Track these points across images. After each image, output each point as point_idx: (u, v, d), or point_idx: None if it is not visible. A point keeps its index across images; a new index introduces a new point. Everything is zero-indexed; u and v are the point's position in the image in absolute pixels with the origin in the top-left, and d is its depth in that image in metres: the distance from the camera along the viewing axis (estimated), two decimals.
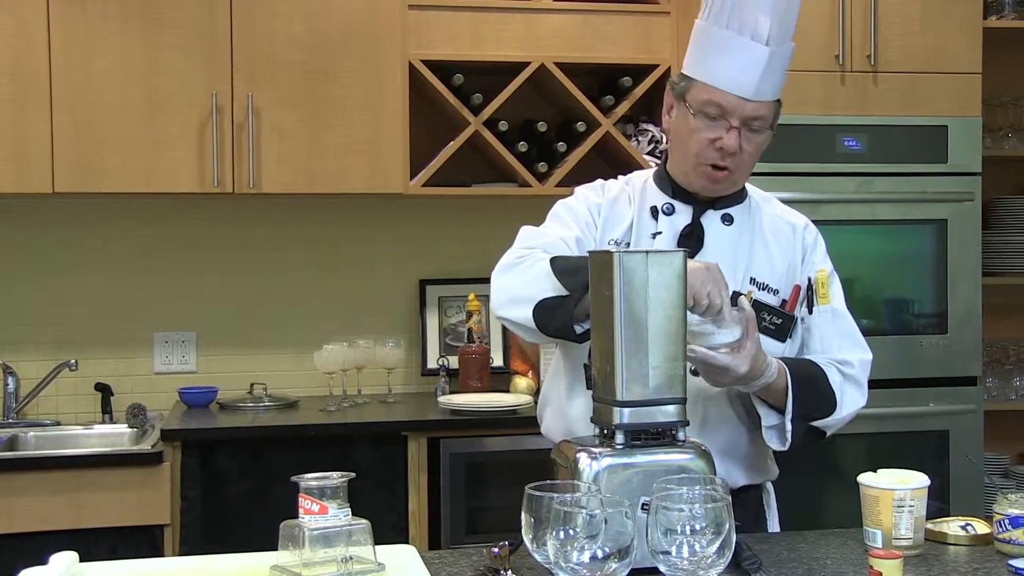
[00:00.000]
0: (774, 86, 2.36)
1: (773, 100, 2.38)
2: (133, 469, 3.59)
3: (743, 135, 2.35)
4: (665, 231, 2.43)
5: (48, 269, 4.32)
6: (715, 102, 2.34)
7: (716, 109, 2.34)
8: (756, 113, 2.35)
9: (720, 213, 2.46)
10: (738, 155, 2.36)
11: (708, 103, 2.35)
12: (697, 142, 2.38)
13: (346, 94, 4.08)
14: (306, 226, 4.50)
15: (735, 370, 2.13)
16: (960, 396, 4.06)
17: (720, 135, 2.35)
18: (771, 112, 2.38)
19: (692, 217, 2.44)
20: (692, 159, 2.41)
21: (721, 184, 2.42)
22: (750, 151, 2.39)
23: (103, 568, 1.99)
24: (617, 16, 4.34)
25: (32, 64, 3.89)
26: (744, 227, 2.47)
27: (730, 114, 2.34)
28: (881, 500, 2.11)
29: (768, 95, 2.35)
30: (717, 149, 2.36)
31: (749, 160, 2.41)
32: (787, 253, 2.49)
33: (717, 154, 2.36)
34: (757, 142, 2.39)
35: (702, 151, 2.38)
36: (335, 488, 1.89)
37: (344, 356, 4.14)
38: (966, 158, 4.06)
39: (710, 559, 1.64)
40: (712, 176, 2.39)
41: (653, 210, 2.45)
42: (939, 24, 4.04)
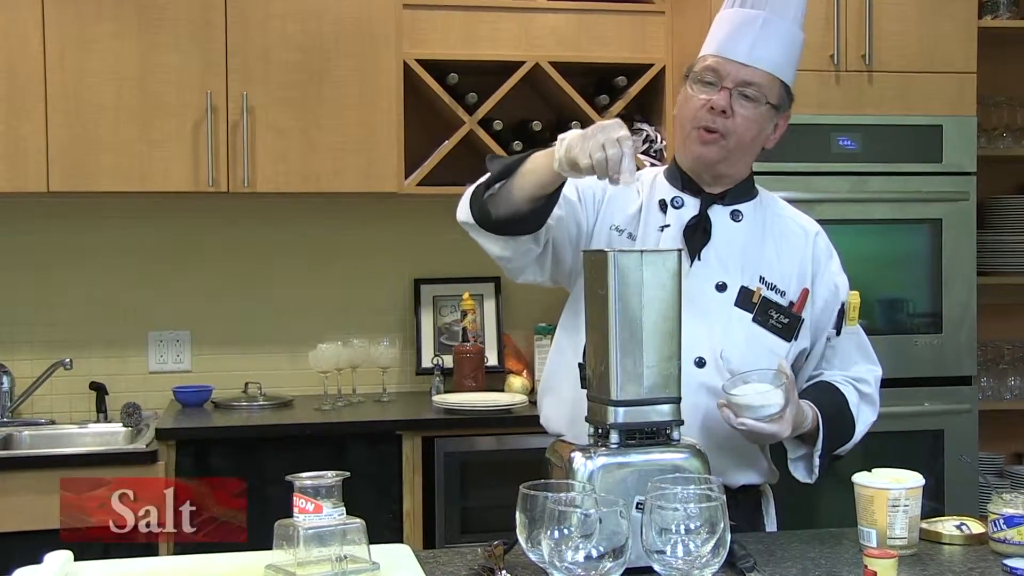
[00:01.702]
0: (771, 57, 2.39)
1: (771, 73, 2.39)
2: (128, 468, 3.58)
3: (735, 99, 2.37)
4: (673, 224, 2.42)
5: (43, 268, 4.31)
6: (710, 67, 2.39)
7: (711, 74, 2.39)
8: (750, 78, 2.37)
9: (729, 209, 2.45)
10: (730, 119, 2.37)
11: (705, 70, 2.40)
12: (692, 107, 2.41)
13: (341, 93, 4.08)
14: (301, 225, 4.50)
15: (780, 435, 2.21)
16: (955, 396, 4.07)
17: (712, 96, 2.37)
18: (770, 85, 2.39)
19: (699, 209, 2.44)
20: (687, 126, 2.42)
21: (712, 150, 2.40)
22: (744, 116, 2.38)
23: (97, 567, 1.99)
24: (612, 16, 4.34)
25: (27, 63, 3.88)
26: (754, 225, 2.47)
27: (723, 77, 2.38)
28: (876, 500, 2.11)
29: (762, 62, 2.38)
30: (709, 111, 2.37)
31: (743, 131, 2.40)
32: (796, 256, 2.50)
33: (709, 116, 2.37)
34: (751, 112, 2.39)
35: (695, 115, 2.40)
36: (329, 487, 1.89)
37: (339, 355, 4.14)
38: (961, 158, 4.06)
39: (705, 558, 1.64)
40: (704, 138, 2.39)
41: (662, 203, 2.45)
42: (934, 24, 4.04)
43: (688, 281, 2.29)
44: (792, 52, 2.45)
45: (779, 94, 2.42)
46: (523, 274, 2.45)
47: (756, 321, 2.40)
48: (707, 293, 2.39)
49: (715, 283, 2.40)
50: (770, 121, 2.44)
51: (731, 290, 2.40)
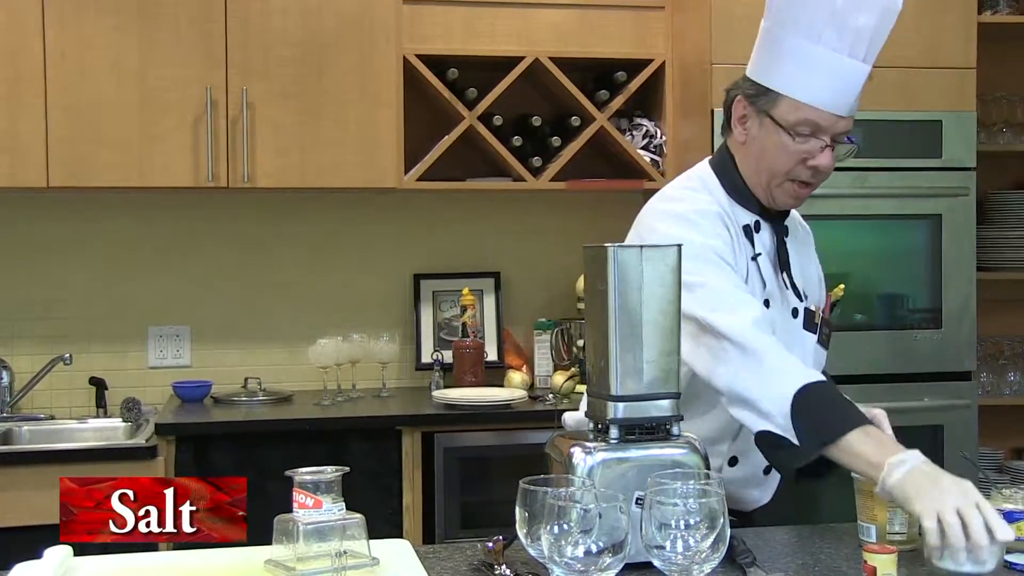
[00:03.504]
0: (858, 100, 2.31)
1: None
2: (127, 463, 3.58)
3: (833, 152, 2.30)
4: (762, 251, 2.37)
5: (43, 263, 4.31)
6: (811, 120, 2.26)
7: (810, 127, 2.27)
8: (847, 128, 2.30)
9: (783, 227, 2.43)
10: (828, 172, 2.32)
11: (803, 122, 2.27)
12: (788, 160, 2.29)
13: (340, 88, 4.08)
14: (300, 221, 4.50)
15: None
16: (954, 391, 4.07)
17: (813, 153, 2.28)
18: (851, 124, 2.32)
19: (776, 234, 2.39)
20: (780, 176, 2.32)
21: (803, 200, 2.37)
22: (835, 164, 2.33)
23: (97, 562, 1.99)
24: (612, 11, 4.34)
25: (27, 59, 3.88)
26: (794, 238, 2.46)
27: (824, 132, 2.27)
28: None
29: (855, 110, 2.30)
30: (809, 167, 2.29)
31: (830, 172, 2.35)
32: (810, 257, 2.52)
33: (808, 172, 2.30)
34: (839, 154, 2.33)
35: (793, 169, 2.30)
36: (329, 482, 1.88)
37: (338, 350, 4.14)
38: (961, 153, 4.06)
39: (704, 554, 1.64)
40: (798, 194, 2.34)
41: (746, 229, 2.36)
42: (934, 19, 4.04)
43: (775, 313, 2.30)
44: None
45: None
46: None
47: (819, 342, 2.40)
48: (789, 323, 2.37)
49: (791, 309, 2.39)
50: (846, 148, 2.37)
51: (800, 315, 2.39)
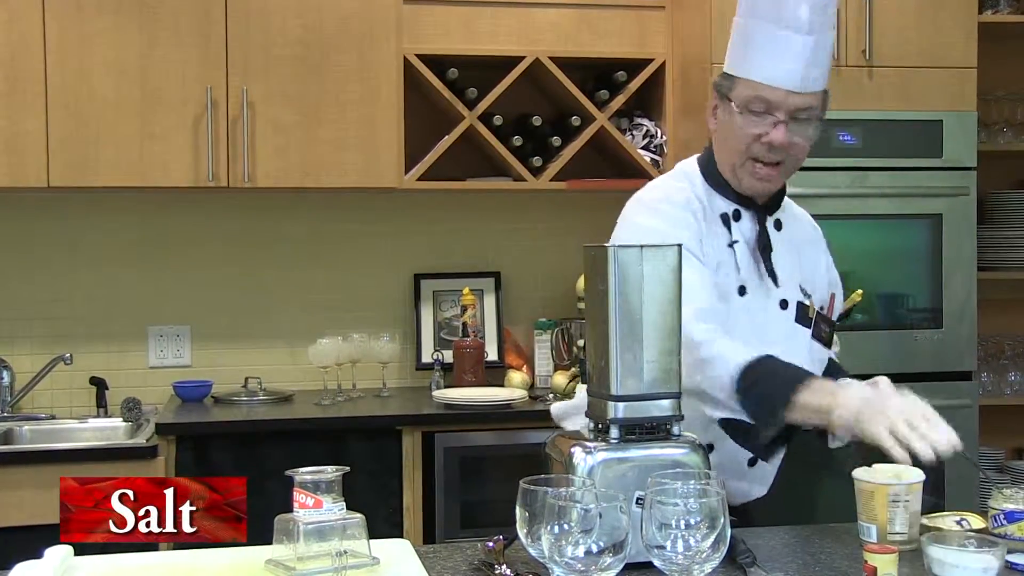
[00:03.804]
0: (819, 75, 2.34)
1: (820, 90, 2.35)
2: (128, 463, 3.58)
3: (790, 127, 2.33)
4: (740, 239, 2.39)
5: (43, 263, 4.31)
6: (761, 97, 2.32)
7: (762, 104, 2.32)
8: (803, 104, 2.32)
9: (774, 219, 2.45)
10: (787, 149, 2.34)
11: (754, 99, 2.33)
12: (744, 139, 2.35)
13: (341, 88, 4.07)
14: (300, 220, 4.50)
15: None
16: (955, 391, 4.06)
17: (767, 130, 2.32)
18: (818, 101, 2.36)
19: (758, 223, 2.41)
20: (739, 156, 2.37)
21: (770, 182, 2.39)
22: (800, 142, 2.35)
23: (97, 562, 1.99)
24: (612, 10, 4.34)
25: (27, 58, 3.88)
26: (790, 232, 2.47)
27: (776, 108, 2.31)
28: (876, 495, 2.11)
29: (814, 85, 2.33)
30: (764, 144, 2.33)
31: (800, 154, 2.38)
32: (816, 255, 2.52)
33: (764, 148, 2.33)
34: (806, 134, 2.36)
35: (749, 147, 2.35)
36: (329, 482, 1.88)
37: (338, 350, 4.14)
38: (961, 153, 4.06)
39: (705, 553, 1.64)
40: (758, 173, 2.36)
41: (724, 217, 2.40)
42: (934, 18, 4.04)
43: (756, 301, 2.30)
44: (831, 56, 2.39)
45: (824, 102, 2.39)
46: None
47: (813, 336, 2.40)
48: (771, 312, 2.38)
49: (778, 301, 2.39)
50: (818, 130, 2.40)
51: (791, 307, 2.40)
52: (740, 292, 2.36)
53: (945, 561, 1.78)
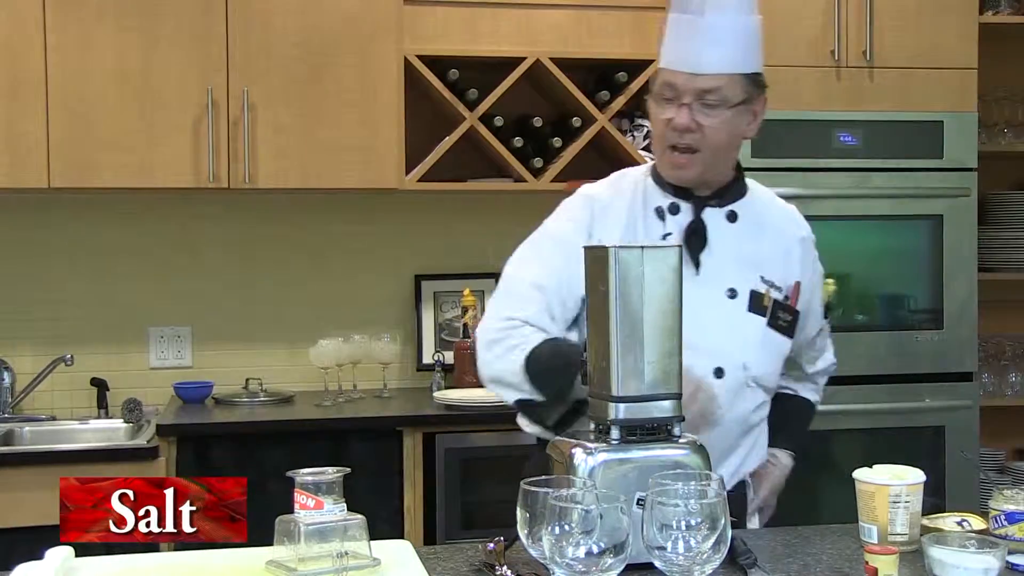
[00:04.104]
0: (728, 58, 2.32)
1: (729, 73, 2.33)
2: (129, 464, 3.58)
3: (697, 111, 2.32)
4: (674, 231, 2.40)
5: (44, 264, 4.32)
6: (668, 82, 2.35)
7: (670, 90, 2.34)
8: (707, 86, 2.31)
9: (725, 210, 2.44)
10: (697, 132, 2.33)
11: (663, 86, 2.36)
12: (659, 126, 2.38)
13: (341, 89, 4.08)
14: (301, 221, 4.50)
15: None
16: (955, 392, 4.07)
17: (673, 115, 2.34)
18: (729, 86, 2.33)
19: (694, 214, 2.41)
20: (659, 144, 2.40)
21: (688, 169, 2.38)
22: (711, 126, 2.33)
23: (98, 563, 1.99)
24: (612, 11, 4.34)
25: (28, 59, 3.88)
26: (749, 223, 2.45)
27: (682, 92, 2.33)
28: (877, 496, 2.11)
29: (716, 67, 2.32)
30: (672, 129, 2.34)
31: (714, 139, 2.35)
32: (787, 248, 2.50)
33: (674, 134, 2.34)
34: (717, 119, 2.33)
35: (663, 134, 2.37)
36: (330, 483, 1.88)
37: (339, 351, 4.14)
38: (962, 153, 4.06)
39: (705, 554, 1.64)
40: (674, 160, 2.37)
41: (659, 211, 2.42)
42: (935, 19, 4.04)
43: (697, 289, 2.29)
44: (748, 41, 2.37)
45: (744, 88, 2.36)
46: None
47: (769, 325, 2.40)
48: (718, 300, 2.38)
49: (725, 290, 2.39)
50: (742, 116, 2.38)
51: (742, 296, 2.39)
52: None
53: (946, 562, 1.78)
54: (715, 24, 2.31)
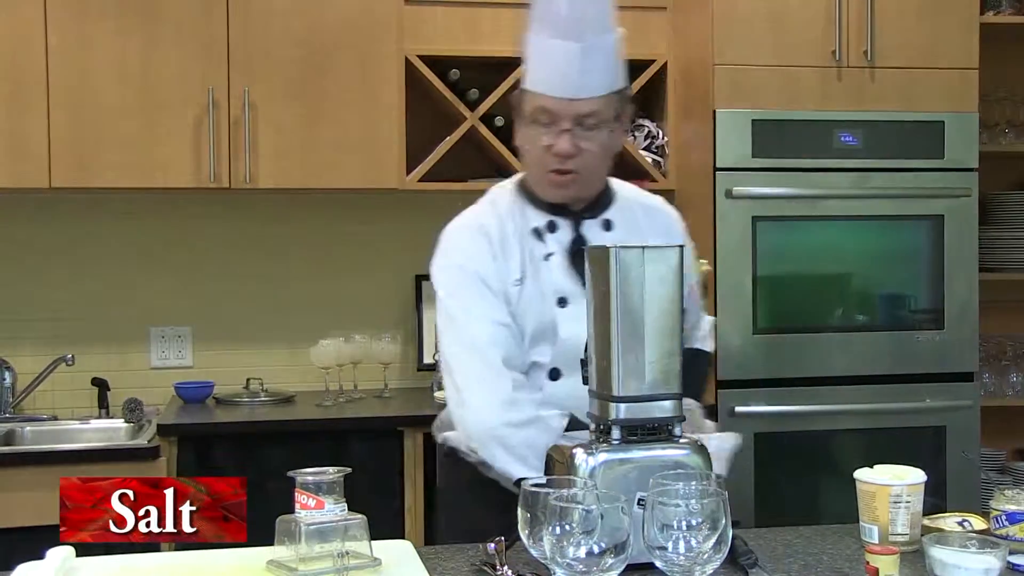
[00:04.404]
0: (601, 80, 2.33)
1: (605, 95, 2.34)
2: (129, 464, 3.58)
3: (578, 135, 2.32)
4: (556, 249, 2.40)
5: (45, 264, 4.32)
6: (543, 107, 2.33)
7: (546, 115, 2.33)
8: (586, 110, 2.31)
9: (599, 220, 2.45)
10: (579, 157, 2.33)
11: (538, 110, 2.34)
12: (536, 151, 2.36)
13: (342, 89, 4.08)
14: (302, 221, 4.50)
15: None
16: (956, 392, 4.07)
17: (553, 140, 2.33)
18: (607, 107, 2.34)
19: (573, 230, 2.42)
20: (536, 168, 2.39)
21: (570, 188, 2.39)
22: (593, 150, 2.35)
23: (99, 562, 1.99)
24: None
25: (29, 60, 3.88)
26: (625, 229, 2.46)
27: (560, 117, 2.31)
28: (877, 496, 2.11)
29: (594, 91, 2.32)
30: (553, 155, 2.33)
31: (596, 160, 2.37)
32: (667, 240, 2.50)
33: (555, 160, 2.34)
34: (598, 141, 2.35)
35: (541, 159, 2.36)
36: (331, 483, 1.89)
37: (340, 351, 4.14)
38: (963, 154, 4.06)
39: (706, 554, 1.64)
40: (557, 181, 2.37)
41: (536, 232, 2.42)
42: (936, 19, 4.04)
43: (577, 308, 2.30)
44: (616, 58, 2.38)
45: (615, 105, 2.37)
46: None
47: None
48: None
49: None
50: (615, 132, 2.41)
51: None
52: (560, 304, 2.37)
53: (947, 562, 1.78)
54: (589, 48, 2.30)
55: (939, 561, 1.79)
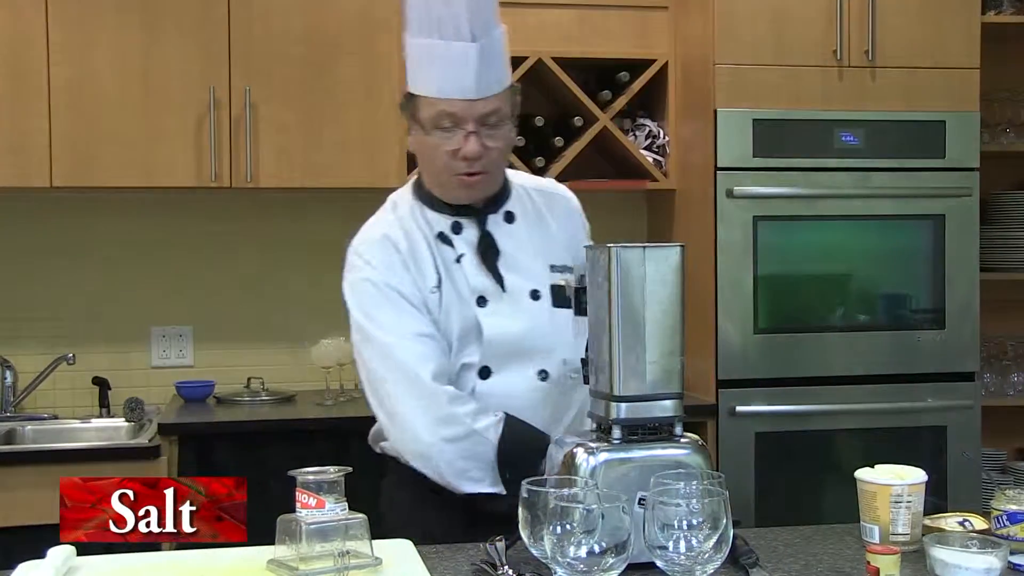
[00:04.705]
0: (496, 77, 2.34)
1: (502, 91, 2.35)
2: (130, 463, 3.58)
3: (483, 135, 2.32)
4: (466, 250, 2.40)
5: (46, 263, 4.32)
6: (445, 112, 2.31)
7: (449, 119, 2.31)
8: (488, 109, 2.31)
9: (501, 214, 2.45)
10: (486, 156, 2.33)
11: (439, 115, 2.31)
12: (441, 157, 2.34)
13: (344, 88, 4.07)
14: (303, 221, 4.49)
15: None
16: (957, 392, 4.07)
17: (459, 145, 2.31)
18: (505, 103, 2.35)
19: (478, 228, 2.42)
20: (443, 173, 2.37)
21: (478, 188, 2.39)
22: (499, 147, 2.35)
23: (100, 561, 1.99)
24: (614, 11, 4.33)
25: (30, 58, 3.88)
26: (526, 217, 2.47)
27: (463, 120, 2.30)
28: (878, 496, 2.11)
29: (492, 89, 2.32)
30: (460, 159, 2.32)
31: (501, 157, 2.39)
32: (567, 226, 2.51)
33: (464, 163, 2.33)
34: (502, 138, 2.36)
35: (449, 164, 2.34)
36: (332, 482, 1.88)
37: (341, 350, 4.14)
38: (964, 153, 4.06)
39: (707, 554, 1.64)
40: (467, 182, 2.36)
41: (442, 236, 2.41)
42: (937, 19, 4.04)
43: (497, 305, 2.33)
44: (505, 53, 2.40)
45: (511, 99, 2.38)
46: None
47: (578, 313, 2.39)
48: (525, 305, 2.38)
49: (528, 292, 2.39)
50: (513, 127, 2.41)
51: (544, 293, 2.39)
52: (480, 303, 2.36)
53: (948, 562, 1.78)
54: (484, 47, 2.31)
55: (940, 561, 1.79)
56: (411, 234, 2.42)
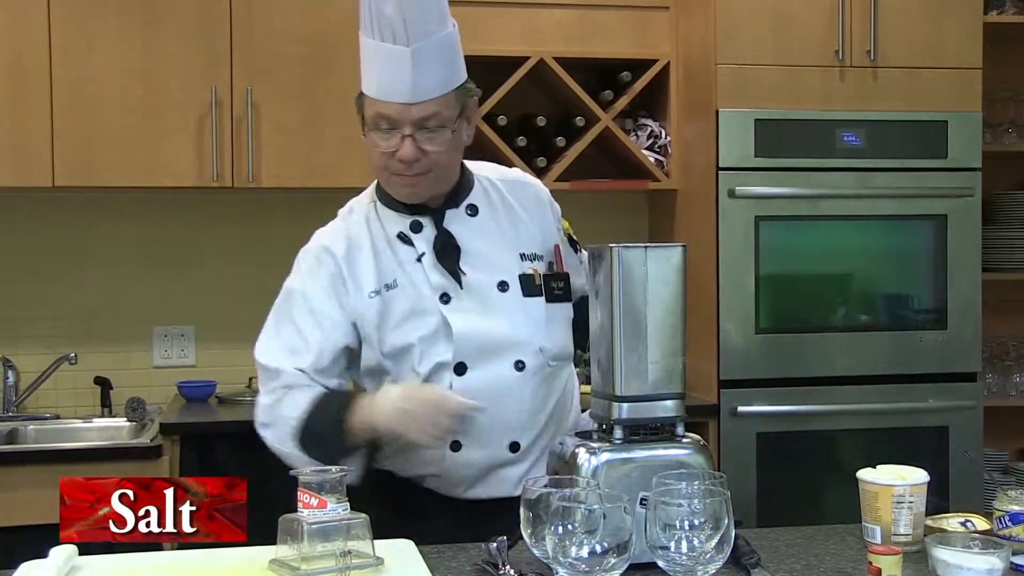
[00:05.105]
0: (435, 82, 2.31)
1: (442, 95, 2.32)
2: (132, 463, 3.58)
3: (420, 139, 2.30)
4: (426, 248, 2.38)
5: (48, 263, 4.32)
6: (382, 114, 2.30)
7: (385, 121, 2.30)
8: (425, 114, 2.29)
9: (462, 208, 2.43)
10: (424, 159, 2.31)
11: (377, 117, 2.31)
12: (379, 156, 2.34)
13: (345, 88, 4.05)
14: (305, 220, 4.45)
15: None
16: (959, 392, 4.06)
17: (396, 146, 2.30)
18: (445, 107, 2.33)
19: (435, 226, 2.40)
20: (383, 173, 2.38)
21: (421, 187, 2.37)
22: (437, 150, 2.32)
23: (101, 561, 1.99)
24: (616, 11, 4.33)
25: (32, 58, 3.89)
26: (492, 208, 2.46)
27: (399, 123, 2.29)
28: (880, 496, 2.11)
29: (430, 93, 2.30)
30: (398, 160, 2.31)
31: (444, 158, 2.35)
32: (537, 215, 2.51)
33: (400, 165, 2.31)
34: (440, 141, 2.33)
35: (386, 164, 2.34)
36: (333, 482, 1.88)
37: None
38: (966, 153, 4.06)
39: (709, 554, 1.64)
40: (406, 182, 2.35)
41: (401, 236, 2.40)
42: (939, 19, 4.04)
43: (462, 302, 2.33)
44: (452, 55, 2.39)
45: (457, 101, 2.36)
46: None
47: (549, 301, 2.39)
48: (494, 299, 2.37)
49: (496, 285, 2.38)
50: (461, 129, 2.39)
51: (513, 284, 2.38)
52: (444, 300, 2.34)
53: (950, 562, 1.78)
54: (420, 51, 2.28)
55: (942, 561, 1.78)
56: (358, 241, 2.43)
